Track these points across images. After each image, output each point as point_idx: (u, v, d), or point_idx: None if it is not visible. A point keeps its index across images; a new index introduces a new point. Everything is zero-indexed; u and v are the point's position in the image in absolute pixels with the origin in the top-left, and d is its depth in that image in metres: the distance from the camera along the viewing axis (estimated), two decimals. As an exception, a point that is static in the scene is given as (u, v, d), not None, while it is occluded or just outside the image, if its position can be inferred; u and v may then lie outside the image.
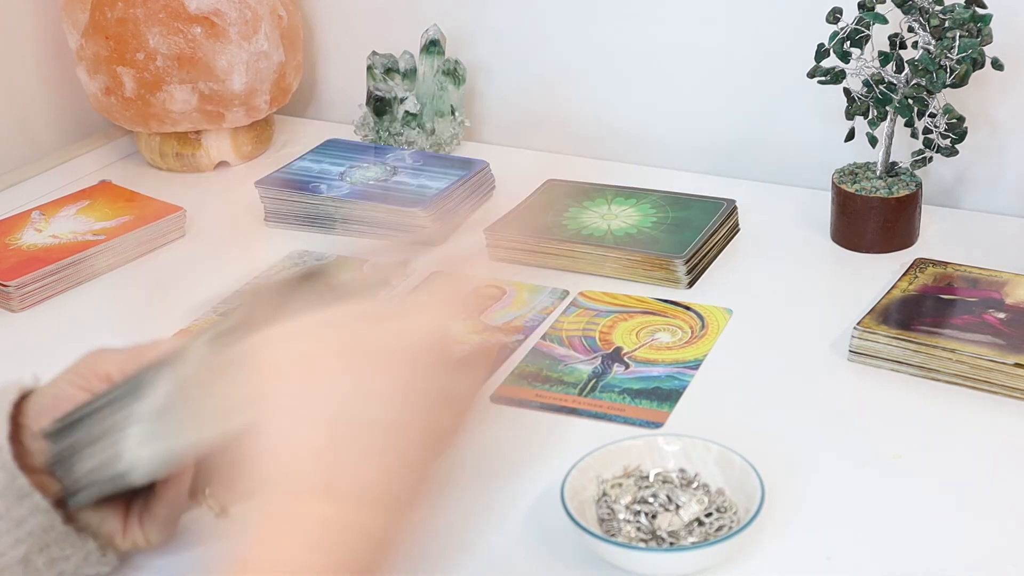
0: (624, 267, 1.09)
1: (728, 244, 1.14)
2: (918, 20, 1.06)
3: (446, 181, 1.21)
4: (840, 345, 0.96)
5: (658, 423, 0.89)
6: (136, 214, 1.21)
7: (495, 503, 0.82)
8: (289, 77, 1.40)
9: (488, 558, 0.78)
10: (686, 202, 1.17)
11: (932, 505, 0.80)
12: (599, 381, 0.94)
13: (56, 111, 1.44)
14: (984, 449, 0.85)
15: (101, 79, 1.32)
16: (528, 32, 1.38)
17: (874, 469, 0.84)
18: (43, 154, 1.41)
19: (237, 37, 1.31)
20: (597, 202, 1.19)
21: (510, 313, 1.05)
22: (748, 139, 1.31)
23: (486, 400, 0.84)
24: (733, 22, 1.28)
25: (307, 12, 1.50)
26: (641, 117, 1.35)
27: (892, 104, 1.08)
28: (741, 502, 0.77)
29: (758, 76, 1.28)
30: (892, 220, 1.11)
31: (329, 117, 1.52)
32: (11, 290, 1.08)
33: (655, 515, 0.77)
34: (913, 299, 0.99)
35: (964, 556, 0.76)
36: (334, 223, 1.20)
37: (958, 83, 1.05)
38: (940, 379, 0.92)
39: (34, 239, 1.17)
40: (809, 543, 0.77)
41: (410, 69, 1.36)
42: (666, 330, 1.01)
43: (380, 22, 1.45)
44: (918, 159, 1.11)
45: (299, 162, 1.28)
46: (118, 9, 1.29)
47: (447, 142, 1.36)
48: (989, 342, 0.91)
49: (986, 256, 1.07)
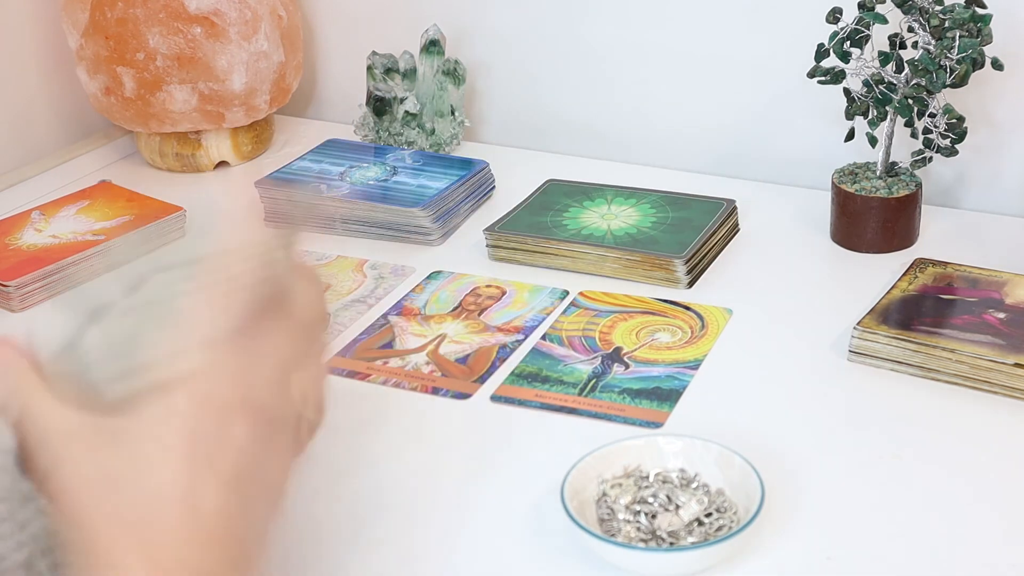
0: (624, 267, 1.09)
1: (728, 244, 1.14)
2: (918, 20, 1.06)
3: (446, 181, 1.21)
4: (840, 345, 0.96)
5: (658, 423, 0.89)
6: (136, 214, 1.21)
7: (495, 503, 0.82)
8: (289, 77, 1.40)
9: (488, 558, 0.78)
10: (686, 202, 1.17)
11: (932, 505, 0.80)
12: (599, 381, 0.94)
13: (56, 111, 1.44)
14: (984, 449, 0.85)
15: (101, 79, 1.32)
16: (528, 32, 1.38)
17: (874, 469, 0.84)
18: (43, 154, 1.41)
19: (237, 37, 1.31)
20: (597, 202, 1.19)
21: (510, 313, 1.05)
22: (748, 139, 1.31)
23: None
24: (733, 22, 1.28)
25: (307, 12, 1.50)
26: (641, 117, 1.35)
27: (892, 104, 1.08)
28: (741, 502, 0.77)
29: (758, 76, 1.28)
30: (892, 220, 1.11)
31: (329, 117, 1.52)
32: (11, 290, 1.08)
33: (655, 515, 0.77)
34: (913, 299, 0.99)
35: (964, 556, 0.76)
36: (334, 223, 1.20)
37: (958, 83, 1.05)
38: (940, 379, 0.92)
39: (34, 239, 1.17)
40: (809, 543, 0.77)
41: (410, 69, 1.36)
42: (666, 330, 1.01)
43: (380, 22, 1.45)
44: (918, 159, 1.11)
45: (299, 162, 1.28)
46: (118, 9, 1.29)
47: (447, 142, 1.36)
48: (989, 342, 0.91)
49: (986, 256, 1.07)
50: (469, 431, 0.90)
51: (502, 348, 0.99)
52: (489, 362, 0.98)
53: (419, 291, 1.09)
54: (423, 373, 0.97)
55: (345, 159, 1.28)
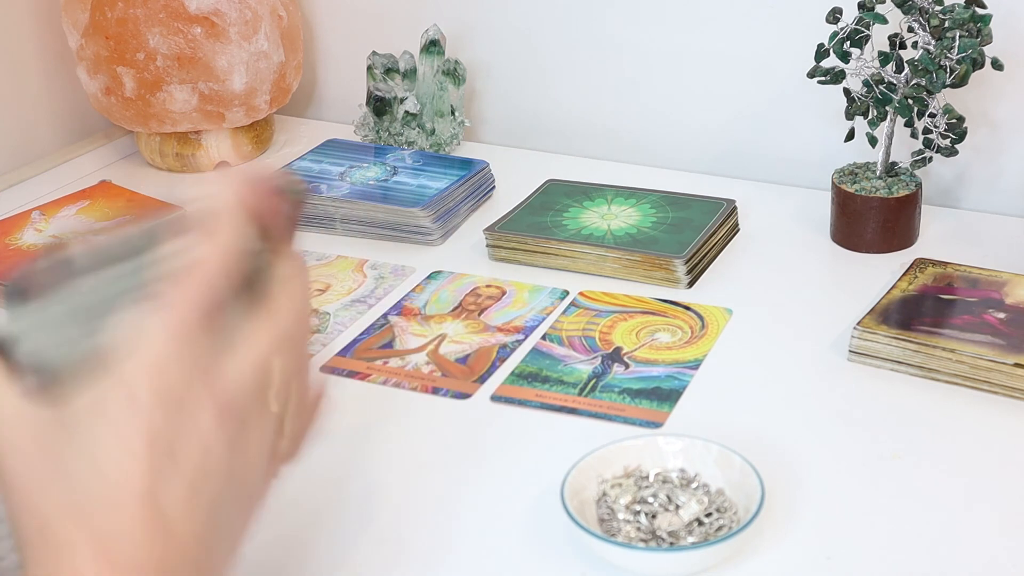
0: (624, 267, 1.09)
1: (728, 244, 1.14)
2: (918, 20, 1.06)
3: (446, 181, 1.21)
4: (840, 345, 0.96)
5: (658, 423, 0.89)
6: (136, 214, 1.20)
7: (495, 503, 0.82)
8: (289, 77, 1.40)
9: (488, 558, 0.78)
10: (686, 202, 1.17)
11: (932, 505, 0.80)
12: (599, 381, 0.94)
13: (56, 111, 1.44)
14: (984, 449, 0.85)
15: (101, 79, 1.32)
16: (528, 32, 1.38)
17: (874, 469, 0.84)
18: (43, 154, 1.41)
19: (237, 37, 1.31)
20: (597, 202, 1.19)
21: (510, 313, 1.05)
22: (748, 139, 1.31)
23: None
24: (733, 22, 1.28)
25: (307, 12, 1.50)
26: (641, 117, 1.35)
27: (892, 104, 1.08)
28: (741, 502, 0.77)
29: (758, 76, 1.28)
30: (892, 220, 1.11)
31: (329, 117, 1.52)
32: (11, 290, 1.08)
33: (655, 515, 0.77)
34: (913, 299, 0.99)
35: (964, 556, 0.76)
36: (334, 223, 1.20)
37: (958, 83, 1.05)
38: (940, 379, 0.92)
39: (34, 239, 1.17)
40: (809, 543, 0.77)
41: (410, 69, 1.36)
42: (666, 330, 1.01)
43: (380, 22, 1.45)
44: (918, 159, 1.11)
45: (299, 162, 1.28)
46: (118, 9, 1.29)
47: (447, 142, 1.36)
48: (989, 342, 0.91)
49: (986, 256, 1.07)
50: (469, 431, 0.90)
51: (502, 348, 0.99)
52: (489, 362, 0.98)
53: (419, 291, 1.09)
54: (423, 373, 0.97)
55: (345, 159, 1.28)
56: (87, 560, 0.49)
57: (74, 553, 0.50)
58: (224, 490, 0.52)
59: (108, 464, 0.50)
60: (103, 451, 0.50)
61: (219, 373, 0.52)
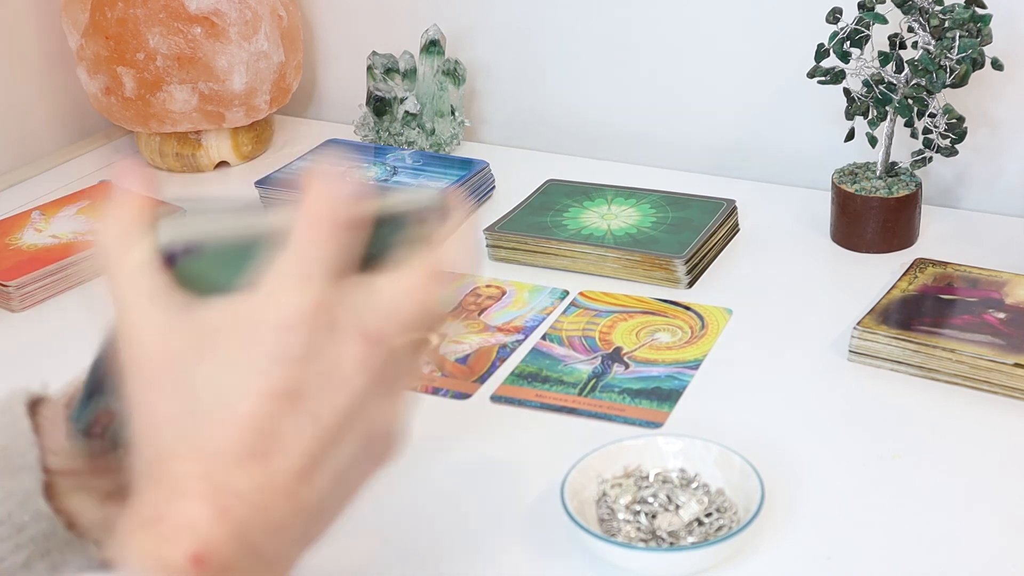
0: (624, 267, 1.09)
1: (728, 244, 1.14)
2: (918, 20, 1.06)
3: (446, 181, 1.22)
4: (840, 345, 0.96)
5: (658, 423, 0.89)
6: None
7: (495, 503, 0.82)
8: (289, 77, 1.40)
9: (488, 558, 0.78)
10: (686, 202, 1.17)
11: (932, 505, 0.80)
12: (599, 381, 0.94)
13: (56, 111, 1.44)
14: (984, 449, 0.85)
15: (101, 79, 1.32)
16: (528, 32, 1.38)
17: (874, 469, 0.84)
18: (43, 154, 1.41)
19: (237, 37, 1.31)
20: (597, 202, 1.19)
21: (510, 313, 1.05)
22: (748, 139, 1.31)
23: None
24: (732, 22, 1.28)
25: (307, 12, 1.50)
26: (641, 117, 1.35)
27: (892, 104, 1.08)
28: (741, 502, 0.77)
29: (758, 76, 1.28)
30: (892, 220, 1.11)
31: (329, 117, 1.52)
32: (11, 290, 1.08)
33: (655, 515, 0.77)
34: (913, 299, 0.99)
35: (964, 556, 0.76)
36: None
37: (958, 83, 1.05)
38: (940, 379, 0.92)
39: (34, 239, 1.17)
40: (809, 543, 0.77)
41: (410, 69, 1.36)
42: (666, 330, 1.01)
43: (380, 22, 1.45)
44: (918, 159, 1.11)
45: (299, 162, 1.28)
46: (118, 9, 1.29)
47: (447, 142, 1.36)
48: (989, 342, 0.91)
49: (986, 256, 1.07)
50: (469, 431, 0.90)
51: (502, 348, 0.99)
52: (489, 362, 0.98)
53: (419, 291, 1.09)
54: (423, 373, 0.97)
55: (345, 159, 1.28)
56: (191, 479, 0.48)
57: (181, 482, 0.48)
58: (350, 435, 0.51)
59: (231, 383, 0.48)
60: (230, 371, 0.49)
61: (372, 304, 0.51)
